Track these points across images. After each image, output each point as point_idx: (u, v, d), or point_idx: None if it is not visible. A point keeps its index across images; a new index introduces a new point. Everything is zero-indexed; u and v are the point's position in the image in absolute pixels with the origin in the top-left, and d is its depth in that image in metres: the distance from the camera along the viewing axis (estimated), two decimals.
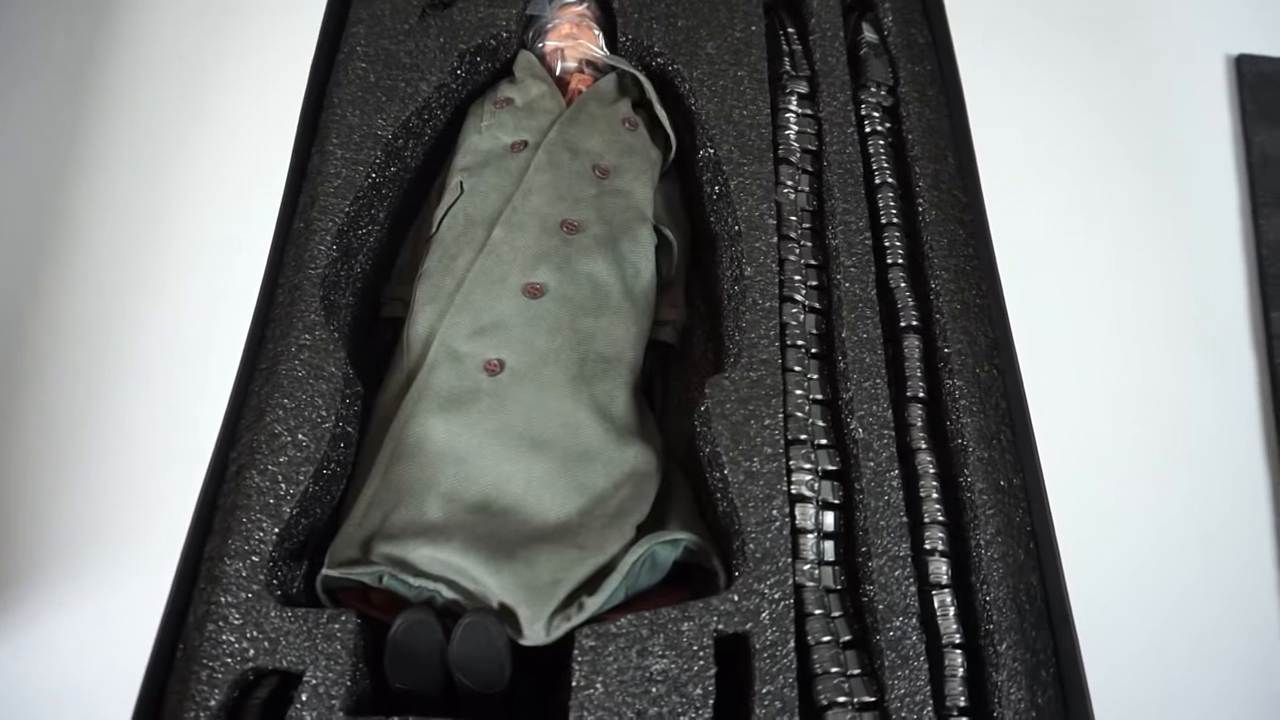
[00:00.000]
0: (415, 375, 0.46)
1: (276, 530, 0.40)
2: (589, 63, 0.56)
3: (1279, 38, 0.69)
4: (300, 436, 0.43)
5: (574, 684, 0.37)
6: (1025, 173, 0.62)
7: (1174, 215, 0.62)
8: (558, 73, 0.56)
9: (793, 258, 0.49)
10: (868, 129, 0.54)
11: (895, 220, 0.51)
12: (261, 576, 0.40)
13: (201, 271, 0.57)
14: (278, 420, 0.43)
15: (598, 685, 0.37)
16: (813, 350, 0.47)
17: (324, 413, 0.43)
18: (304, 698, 0.37)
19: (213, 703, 0.37)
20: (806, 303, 0.48)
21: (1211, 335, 0.57)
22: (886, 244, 0.50)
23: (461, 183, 0.51)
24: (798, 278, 0.48)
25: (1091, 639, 0.38)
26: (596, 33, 0.57)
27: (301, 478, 0.42)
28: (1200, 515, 0.51)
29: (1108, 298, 0.58)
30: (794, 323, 0.47)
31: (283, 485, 0.42)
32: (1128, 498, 0.51)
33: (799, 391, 0.45)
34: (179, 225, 0.59)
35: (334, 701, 0.37)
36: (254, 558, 0.40)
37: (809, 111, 0.54)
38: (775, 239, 0.49)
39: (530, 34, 0.57)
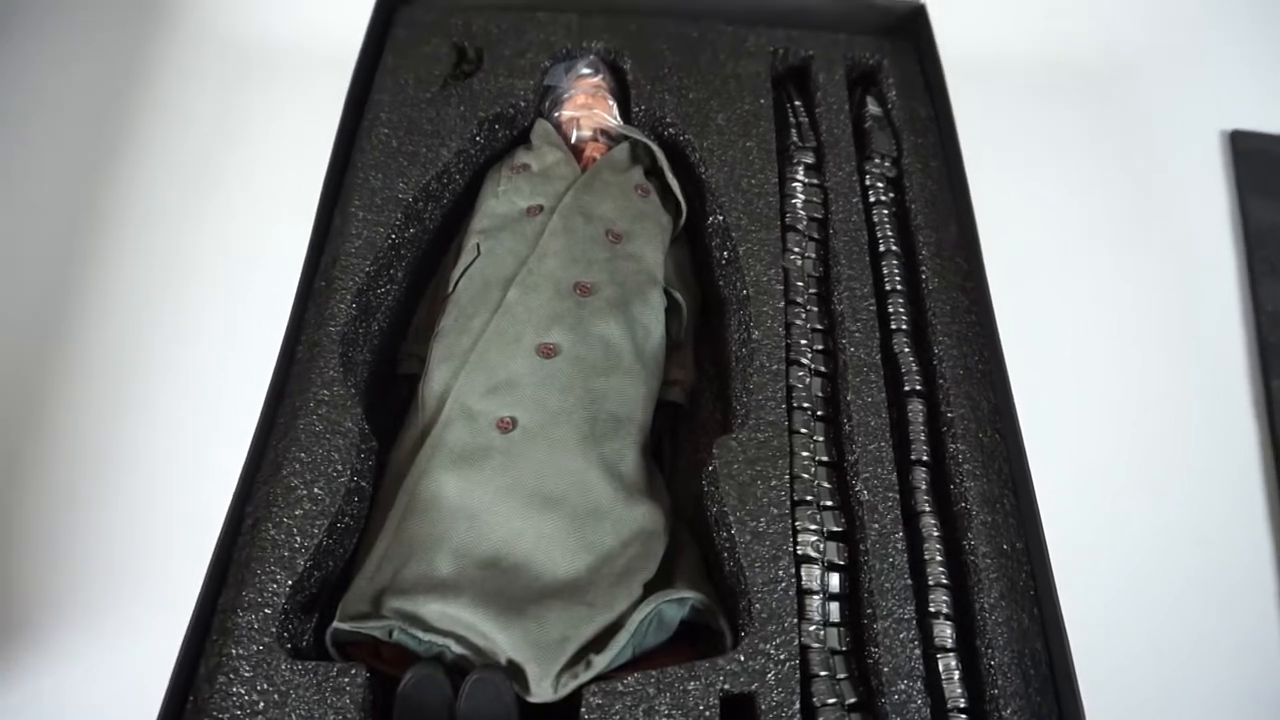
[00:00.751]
0: (429, 432, 0.47)
1: (290, 583, 0.41)
2: (603, 132, 0.58)
3: (1270, 114, 0.71)
4: (316, 490, 0.44)
5: None
6: (1025, 242, 0.64)
7: (1173, 284, 0.63)
8: (573, 141, 0.58)
9: (799, 322, 0.50)
10: (872, 198, 0.56)
11: (899, 287, 0.52)
12: (273, 629, 0.40)
13: (224, 326, 0.58)
14: (294, 474, 0.44)
15: None
16: (819, 413, 0.48)
17: (340, 467, 0.44)
18: None
19: None
20: (812, 366, 0.49)
21: (1212, 404, 0.58)
22: (890, 310, 0.52)
23: (478, 245, 0.52)
24: (804, 342, 0.49)
25: (1097, 706, 0.38)
26: (611, 103, 0.59)
27: (316, 531, 0.42)
28: (1206, 579, 0.51)
29: (1109, 365, 0.59)
30: (800, 385, 0.48)
31: (297, 538, 0.42)
32: (1132, 562, 0.52)
33: (805, 453, 0.46)
34: (204, 280, 0.60)
35: None
36: (266, 610, 0.40)
37: (815, 181, 0.56)
38: (782, 304, 0.50)
39: (547, 103, 0.60)
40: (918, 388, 0.49)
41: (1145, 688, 0.48)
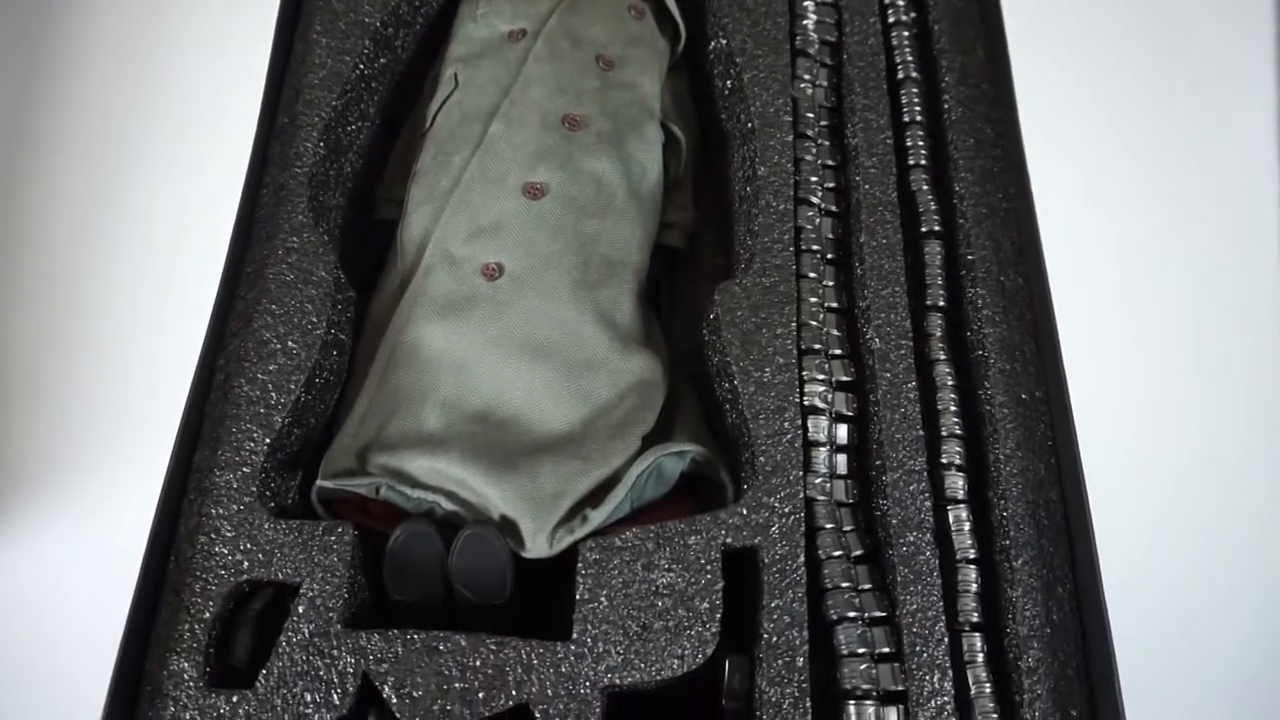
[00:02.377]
0: (410, 280, 0.44)
1: (268, 441, 0.39)
2: None
3: None
4: (290, 344, 0.41)
5: (577, 597, 0.36)
6: (1060, 66, 0.58)
7: (1214, 113, 0.58)
8: None
9: (809, 157, 0.46)
10: (891, 19, 0.50)
11: (919, 118, 0.48)
12: (253, 488, 0.38)
13: (180, 169, 0.54)
14: (266, 326, 0.41)
15: (602, 598, 0.36)
16: (829, 256, 0.45)
17: (315, 319, 0.41)
18: (300, 610, 0.36)
19: (207, 615, 0.36)
20: (823, 205, 0.45)
21: (1246, 243, 0.55)
22: (909, 143, 0.47)
23: (456, 74, 0.48)
24: (814, 179, 0.46)
25: (1111, 556, 0.37)
26: None
27: (293, 386, 0.40)
28: (1228, 431, 0.50)
29: (1144, 200, 0.55)
30: (809, 226, 0.44)
31: (273, 394, 0.40)
32: (1155, 412, 0.50)
33: (813, 299, 0.43)
34: (161, 121, 0.56)
35: (331, 614, 0.36)
36: (245, 469, 0.39)
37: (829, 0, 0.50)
38: (791, 137, 0.46)
39: None
40: (936, 228, 0.46)
41: (1163, 538, 0.47)
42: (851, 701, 0.35)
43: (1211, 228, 0.55)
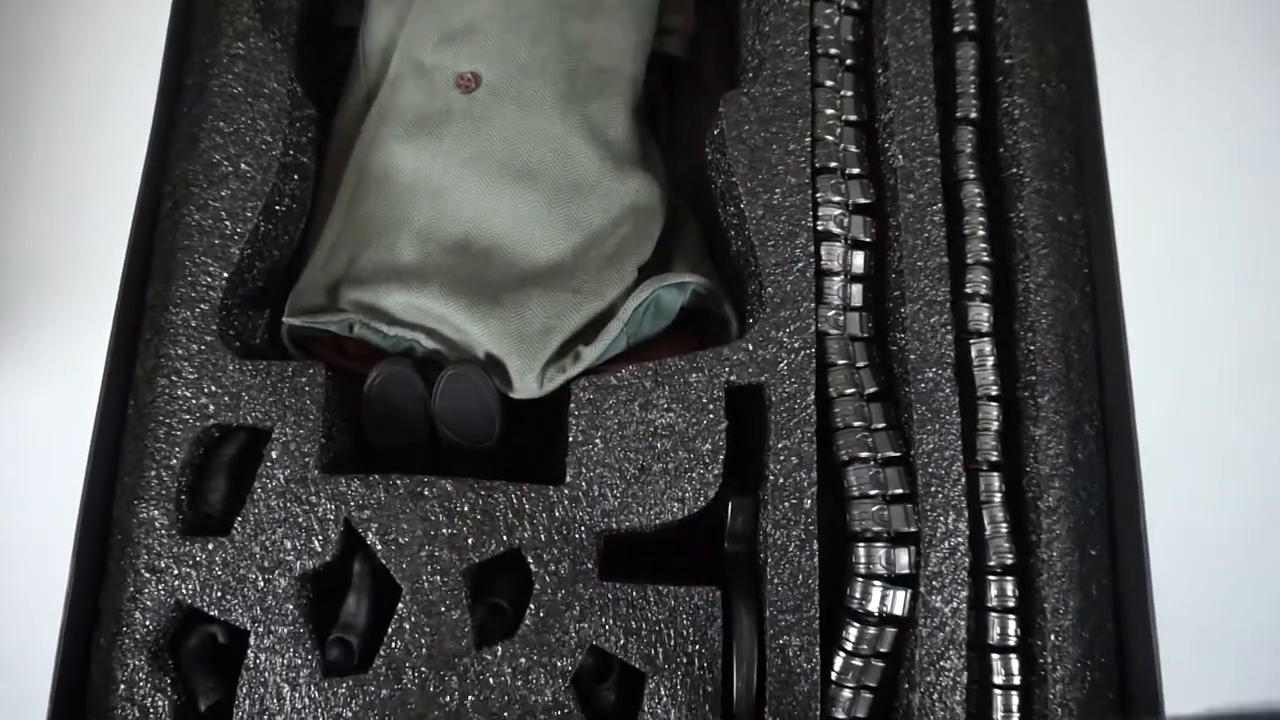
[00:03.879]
0: (376, 93, 0.39)
1: (226, 274, 0.36)
2: None
3: None
4: (243, 166, 0.37)
5: (570, 439, 0.34)
6: None
7: None
8: None
9: None
10: None
11: None
12: (214, 326, 0.35)
13: None
14: (215, 147, 0.37)
15: (596, 440, 0.34)
16: (848, 61, 0.39)
17: (269, 138, 0.37)
18: (274, 455, 0.34)
19: (174, 461, 0.34)
20: (843, 2, 0.40)
21: None
22: None
23: None
24: None
25: (1145, 394, 0.34)
26: None
27: (249, 214, 0.36)
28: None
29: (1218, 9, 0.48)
30: (827, 26, 0.39)
31: (228, 223, 0.36)
32: (1205, 241, 0.45)
33: (830, 110, 0.38)
34: None
35: (307, 459, 0.33)
36: (203, 305, 0.35)
37: None
38: None
39: None
40: (971, 28, 0.40)
41: (1200, 378, 0.43)
42: (861, 544, 0.34)
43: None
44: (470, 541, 0.33)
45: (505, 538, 0.33)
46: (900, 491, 0.34)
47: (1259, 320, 0.45)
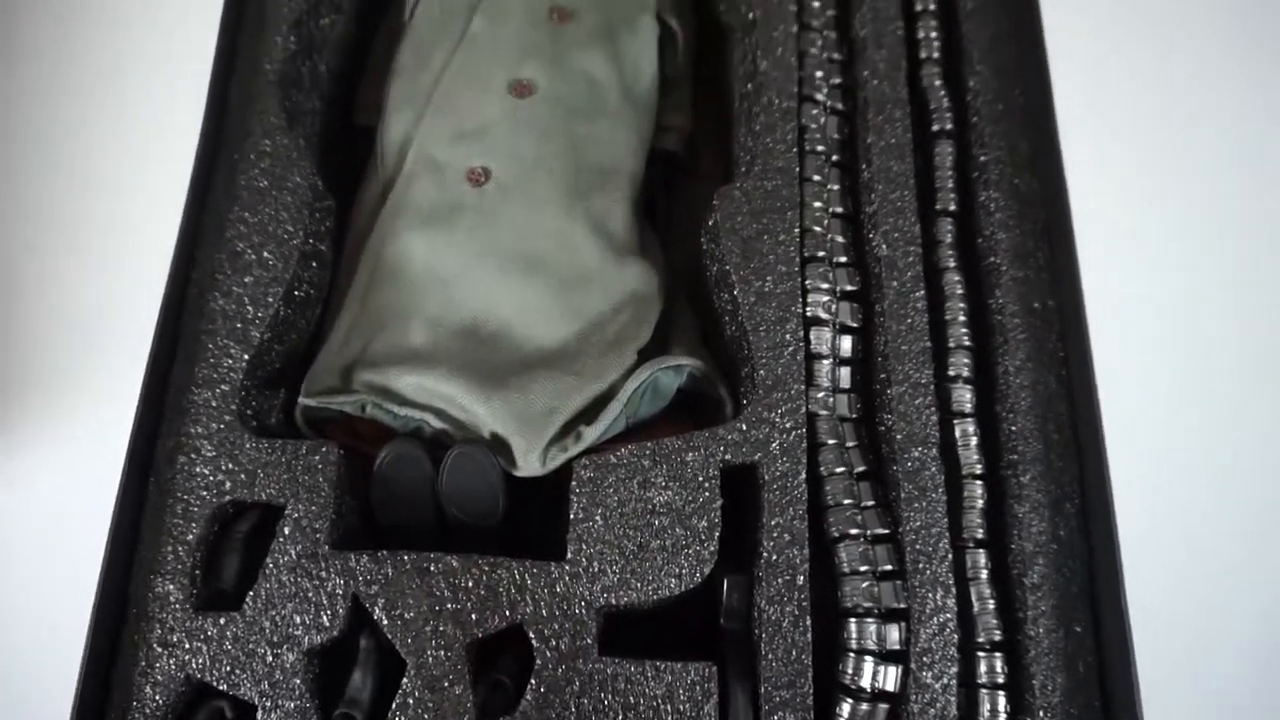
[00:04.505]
0: (392, 188, 0.42)
1: (247, 357, 0.37)
2: None
3: None
4: (266, 254, 0.39)
5: (572, 516, 0.35)
6: None
7: (1256, 21, 0.55)
8: None
9: (814, 51, 0.43)
10: None
11: (931, 8, 0.45)
12: (234, 406, 0.37)
13: (148, 66, 0.51)
14: (240, 236, 0.39)
15: (597, 517, 0.35)
16: (834, 157, 0.42)
17: (290, 228, 0.39)
18: (286, 531, 0.35)
19: (191, 536, 0.35)
20: (828, 103, 0.43)
21: (1272, 149, 0.52)
22: (920, 36, 0.45)
23: None
24: (819, 74, 0.43)
25: (1121, 472, 0.36)
26: None
27: (270, 299, 0.38)
28: (1251, 347, 0.48)
29: (1172, 99, 0.52)
30: (814, 126, 0.42)
31: (250, 308, 0.38)
32: (1173, 324, 0.48)
33: (817, 204, 0.40)
34: (116, 17, 0.52)
35: (318, 535, 0.35)
36: (224, 386, 0.37)
37: None
38: (795, 29, 0.43)
39: None
40: (948, 127, 0.43)
41: (1176, 455, 0.45)
42: (853, 619, 0.35)
43: (1237, 134, 0.52)
44: (474, 617, 0.34)
45: (508, 613, 0.34)
46: (890, 568, 0.35)
47: (1227, 400, 0.47)
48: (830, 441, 0.37)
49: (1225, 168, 0.52)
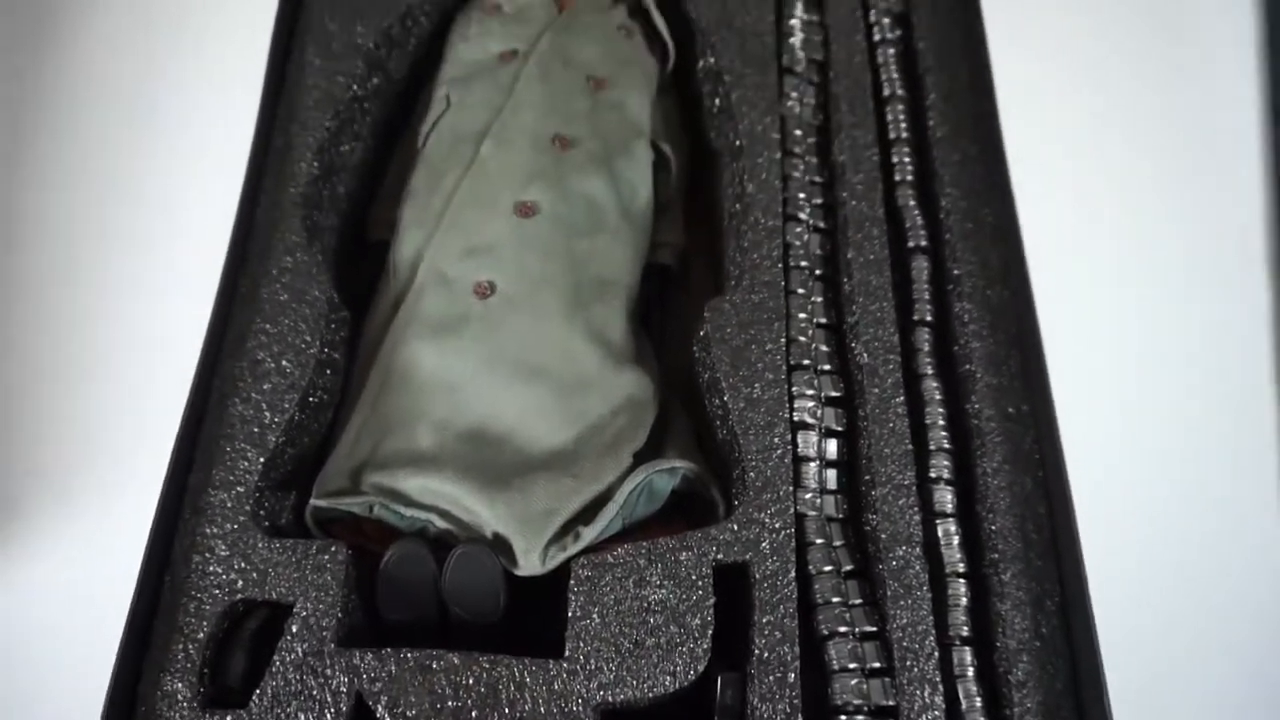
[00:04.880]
0: (403, 300, 0.44)
1: (262, 460, 0.39)
2: None
3: None
4: (284, 363, 0.41)
5: (570, 614, 0.36)
6: (1042, 86, 0.59)
7: (1194, 133, 0.59)
8: None
9: (797, 174, 0.47)
10: (877, 37, 0.51)
11: (904, 135, 0.49)
12: (248, 507, 0.38)
13: (179, 190, 0.54)
14: (260, 346, 0.41)
15: (594, 615, 0.36)
16: (817, 272, 0.45)
17: (308, 338, 0.42)
18: (294, 629, 0.36)
19: (201, 635, 0.36)
20: (811, 222, 0.46)
21: (1232, 256, 0.55)
22: (895, 160, 0.48)
23: (448, 95, 0.48)
24: (802, 195, 0.46)
25: (1098, 569, 0.37)
26: None
27: (287, 405, 0.40)
28: (1213, 447, 0.50)
29: (1125, 219, 0.56)
30: (798, 243, 0.45)
31: (267, 414, 0.40)
32: (1139, 427, 0.50)
33: (802, 315, 0.43)
34: (155, 142, 0.56)
35: (325, 633, 0.36)
36: (239, 488, 0.39)
37: (815, 19, 0.51)
38: (779, 154, 0.46)
39: None
40: (923, 244, 0.46)
41: (1148, 553, 0.47)
42: (843, 716, 0.35)
43: (1197, 244, 0.56)
44: (474, 714, 0.35)
45: (507, 710, 0.35)
46: (878, 665, 0.37)
47: (1196, 492, 0.49)
48: (818, 541, 0.39)
49: (1187, 281, 0.55)
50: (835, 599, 0.38)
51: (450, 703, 0.35)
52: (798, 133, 0.48)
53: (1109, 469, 0.48)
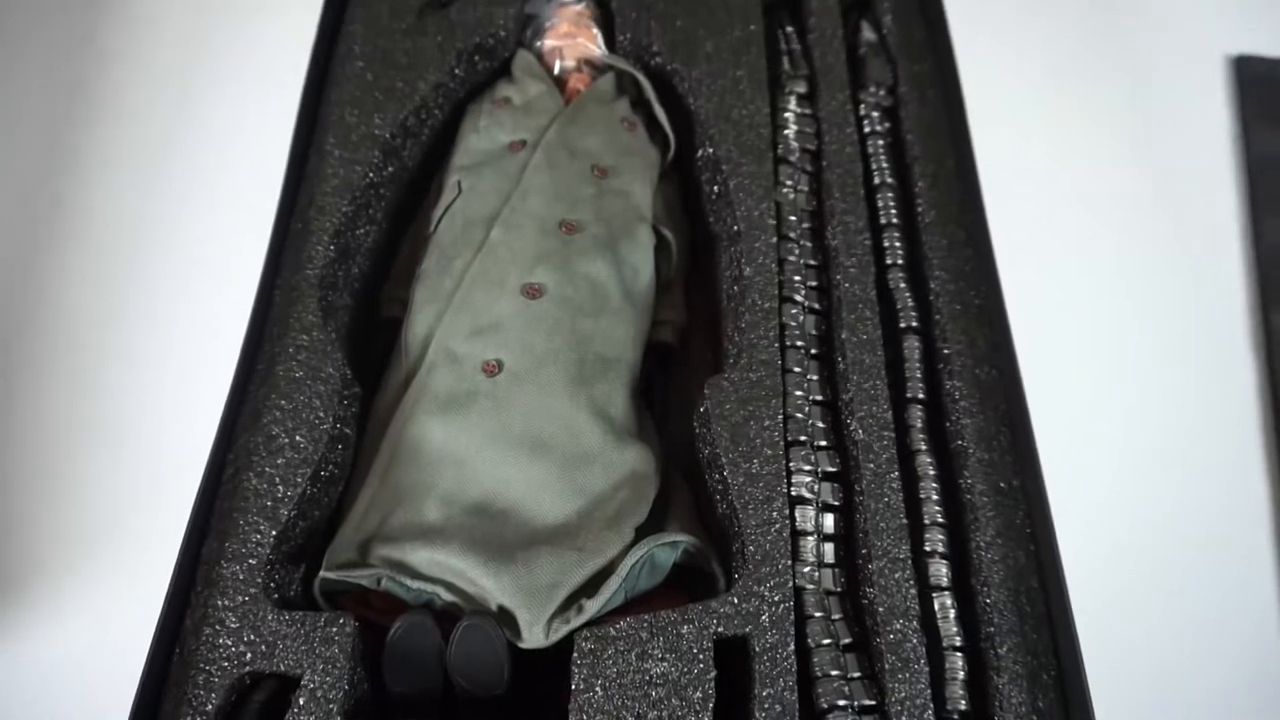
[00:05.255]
0: (413, 377, 0.45)
1: (274, 533, 0.40)
2: (587, 62, 0.56)
3: (1275, 38, 0.69)
4: (298, 438, 0.42)
5: (573, 687, 0.37)
6: (1025, 174, 0.62)
7: (1174, 216, 0.62)
8: (556, 72, 0.56)
9: (792, 258, 0.49)
10: (867, 129, 0.54)
11: (894, 221, 0.51)
12: (259, 580, 0.39)
13: (199, 272, 0.57)
14: (275, 422, 0.43)
15: (597, 688, 0.37)
16: (812, 351, 0.47)
17: (321, 414, 0.43)
18: (302, 701, 0.36)
19: (209, 707, 0.37)
20: (806, 303, 0.48)
21: (1211, 337, 0.57)
22: (886, 245, 0.50)
23: (459, 182, 0.51)
24: (797, 278, 0.48)
25: (1092, 642, 0.38)
26: (595, 32, 0.56)
27: (299, 480, 0.41)
28: (1200, 517, 0.51)
29: (1107, 299, 0.58)
30: (794, 323, 0.47)
31: (280, 487, 0.41)
32: (1128, 500, 0.51)
33: (799, 392, 0.45)
34: (177, 226, 0.58)
35: (332, 705, 0.36)
36: (251, 560, 0.40)
37: (808, 111, 0.54)
38: (775, 239, 0.48)
39: (528, 33, 0.57)
40: (914, 324, 0.48)
41: (1141, 625, 0.48)
42: None
43: (1181, 321, 0.58)
44: None
45: None
46: None
47: (1196, 569, 0.50)
48: (817, 614, 0.40)
49: (1171, 358, 0.57)
50: (834, 672, 0.38)
51: None
52: (792, 218, 0.50)
53: (1100, 543, 0.49)
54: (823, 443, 0.44)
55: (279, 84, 0.56)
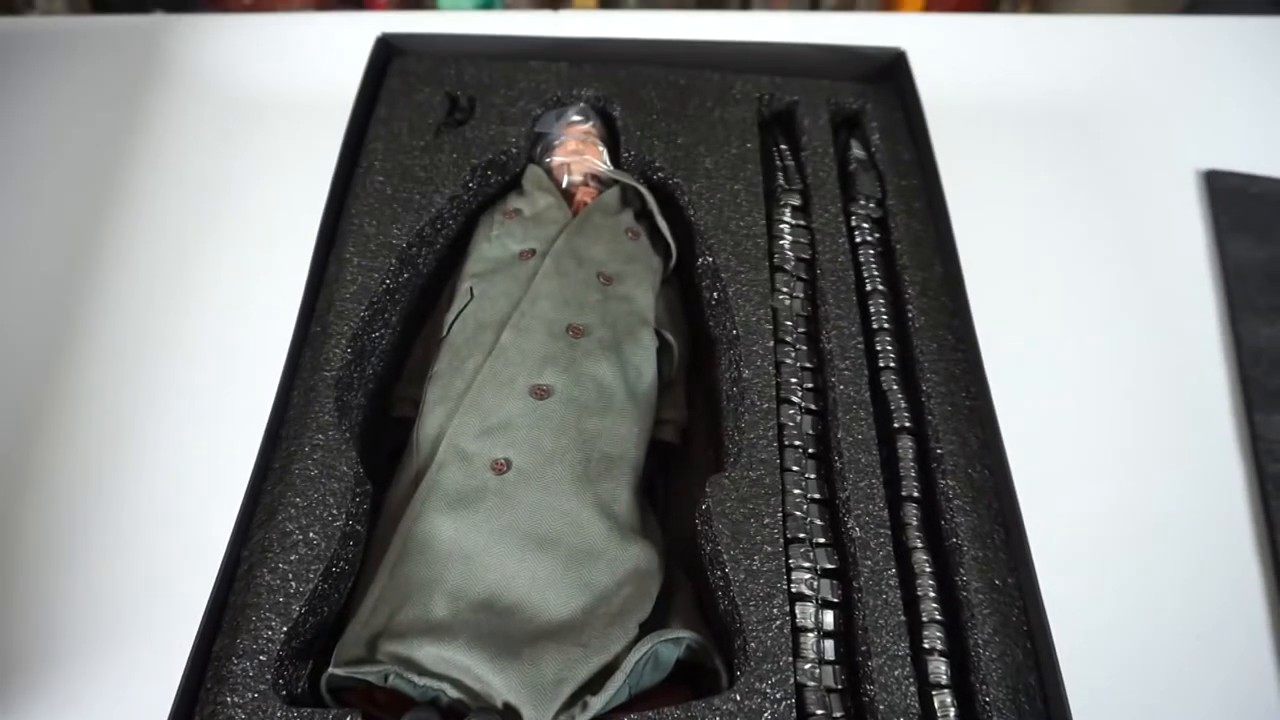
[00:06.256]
0: (424, 474, 0.47)
1: (285, 629, 0.41)
2: (594, 176, 0.59)
3: (1243, 153, 0.73)
4: (311, 535, 0.44)
5: None
6: (1009, 281, 0.65)
7: (1154, 322, 0.64)
8: (564, 185, 0.59)
9: (789, 361, 0.51)
10: (858, 239, 0.57)
11: (886, 325, 0.53)
12: (268, 676, 0.40)
13: (221, 373, 0.59)
14: (289, 518, 0.44)
15: None
16: (810, 450, 0.48)
17: (335, 511, 0.45)
18: None
19: None
20: (803, 404, 0.50)
21: (1196, 434, 0.59)
22: (878, 348, 0.52)
23: (472, 288, 0.53)
24: (794, 380, 0.50)
25: None
26: (601, 149, 0.60)
27: (311, 576, 0.42)
28: (1194, 610, 0.52)
29: (1093, 401, 0.60)
30: (791, 423, 0.48)
31: (292, 583, 0.42)
32: (1122, 597, 0.52)
33: (797, 491, 0.46)
34: (200, 328, 0.61)
35: None
36: (261, 657, 0.40)
37: (802, 223, 0.57)
38: (772, 343, 0.51)
39: (538, 149, 0.61)
40: (907, 424, 0.50)
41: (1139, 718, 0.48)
42: None
43: (1169, 424, 0.60)
44: None
45: None
46: None
47: (1193, 663, 0.50)
48: (818, 712, 0.40)
49: (1159, 459, 0.58)
50: None
51: None
52: (789, 323, 0.52)
53: (1096, 640, 0.50)
54: (821, 540, 0.45)
55: (303, 196, 0.59)
